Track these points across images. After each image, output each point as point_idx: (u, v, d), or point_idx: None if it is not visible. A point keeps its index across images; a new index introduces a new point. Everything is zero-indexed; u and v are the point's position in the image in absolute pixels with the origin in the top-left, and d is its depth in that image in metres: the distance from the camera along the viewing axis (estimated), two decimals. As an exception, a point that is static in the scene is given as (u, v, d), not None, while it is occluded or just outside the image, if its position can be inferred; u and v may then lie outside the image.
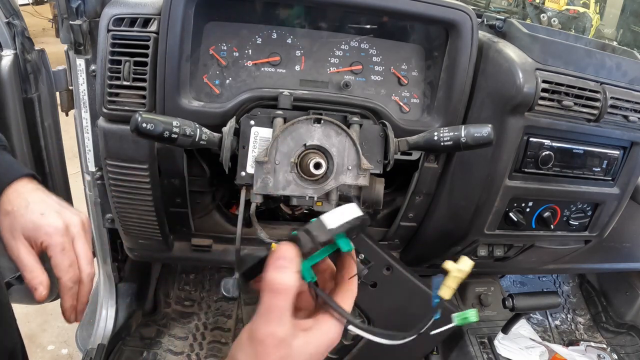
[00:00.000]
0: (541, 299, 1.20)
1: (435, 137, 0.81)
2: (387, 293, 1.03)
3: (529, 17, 1.65)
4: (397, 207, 1.08)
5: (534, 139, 0.95)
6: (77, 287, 0.63)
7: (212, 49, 0.88)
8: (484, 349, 1.33)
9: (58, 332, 1.78)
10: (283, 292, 0.42)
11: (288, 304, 0.42)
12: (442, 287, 0.47)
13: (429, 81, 0.95)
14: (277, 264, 0.43)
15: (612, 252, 1.32)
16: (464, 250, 1.11)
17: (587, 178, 1.03)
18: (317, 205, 0.82)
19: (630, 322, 1.65)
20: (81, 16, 0.90)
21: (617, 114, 0.97)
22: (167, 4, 0.80)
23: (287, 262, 0.43)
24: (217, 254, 1.12)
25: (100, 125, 0.88)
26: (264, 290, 0.42)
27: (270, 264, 0.43)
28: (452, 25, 0.88)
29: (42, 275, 0.59)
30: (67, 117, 1.08)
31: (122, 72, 0.83)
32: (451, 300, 1.25)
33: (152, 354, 1.39)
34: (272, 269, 0.42)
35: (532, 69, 0.89)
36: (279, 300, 0.42)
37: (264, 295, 0.42)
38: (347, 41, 0.92)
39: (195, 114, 0.84)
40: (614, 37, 1.89)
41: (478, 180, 0.97)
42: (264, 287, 0.42)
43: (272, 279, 0.42)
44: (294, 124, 0.78)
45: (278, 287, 0.42)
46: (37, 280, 0.59)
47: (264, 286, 0.42)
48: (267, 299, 0.42)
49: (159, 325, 1.48)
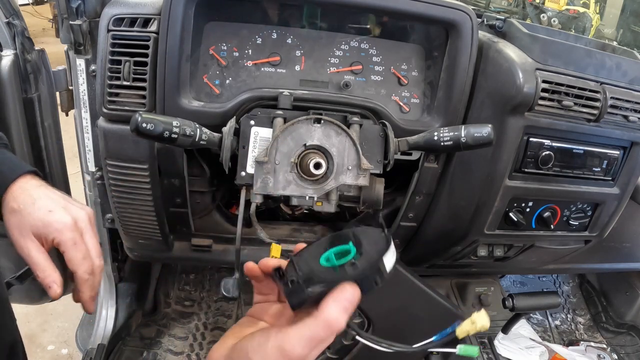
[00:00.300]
0: (541, 299, 1.20)
1: (435, 137, 0.81)
2: (387, 293, 1.03)
3: (529, 17, 1.64)
4: (397, 207, 1.08)
5: (534, 139, 0.95)
6: (92, 278, 0.63)
7: (212, 49, 0.88)
8: (484, 349, 1.33)
9: (58, 332, 1.78)
10: (336, 331, 0.43)
11: (329, 341, 0.43)
12: (460, 327, 0.51)
13: (429, 81, 0.95)
14: (344, 305, 0.43)
15: (612, 252, 1.32)
16: (464, 250, 1.11)
17: (587, 178, 1.03)
18: (317, 205, 0.82)
19: (630, 322, 1.65)
20: (81, 16, 0.90)
21: (617, 114, 0.97)
22: (167, 4, 0.80)
23: (350, 306, 0.43)
24: (217, 254, 1.12)
25: (100, 125, 0.88)
26: (318, 319, 0.42)
27: (336, 300, 0.43)
28: (452, 25, 0.88)
29: (54, 274, 0.60)
30: (67, 117, 1.08)
31: (122, 72, 0.83)
32: (451, 300, 1.25)
33: (152, 354, 1.39)
34: (337, 307, 0.43)
35: (532, 69, 0.89)
36: (328, 335, 0.42)
37: (316, 323, 0.42)
38: (347, 41, 0.92)
39: (195, 114, 0.84)
40: (614, 37, 1.89)
41: (478, 180, 0.97)
42: (319, 315, 0.42)
43: (334, 317, 0.42)
44: (294, 124, 0.78)
45: (335, 325, 0.42)
46: (50, 279, 0.59)
47: (320, 315, 0.42)
48: (317, 329, 0.42)
49: (159, 325, 1.48)
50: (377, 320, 1.13)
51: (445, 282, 1.48)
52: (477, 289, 1.47)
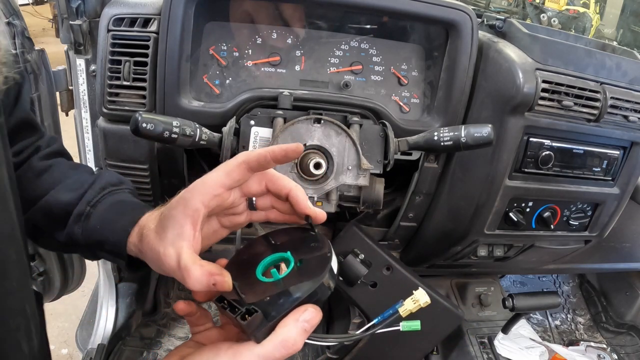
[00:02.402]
0: (541, 299, 1.20)
1: (435, 137, 0.81)
2: (387, 293, 1.03)
3: (529, 17, 1.64)
4: (397, 207, 1.08)
5: (534, 139, 0.95)
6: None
7: (212, 49, 0.88)
8: (484, 349, 1.32)
9: (58, 332, 1.78)
10: (292, 353, 0.41)
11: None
12: (402, 307, 0.52)
13: (429, 81, 0.95)
14: (303, 327, 0.41)
15: (612, 252, 1.32)
16: (464, 250, 1.11)
17: (587, 178, 1.03)
18: (317, 205, 0.82)
19: (630, 322, 1.65)
20: (81, 16, 0.90)
21: (617, 114, 0.97)
22: (167, 4, 0.80)
23: (309, 327, 0.42)
24: (217, 254, 1.11)
25: (100, 125, 0.88)
26: (274, 340, 0.41)
27: (297, 321, 0.41)
28: (452, 25, 0.88)
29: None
30: (67, 117, 1.08)
31: (122, 72, 0.83)
32: (450, 300, 1.25)
33: (152, 354, 1.39)
34: (297, 328, 0.41)
35: (532, 69, 0.89)
36: (283, 356, 0.41)
37: (273, 344, 0.41)
38: (347, 41, 0.92)
39: (195, 114, 0.84)
40: (614, 37, 1.89)
41: (478, 180, 0.97)
42: (277, 337, 0.41)
43: (292, 338, 0.41)
44: (294, 124, 0.78)
45: (292, 347, 0.41)
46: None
47: (277, 336, 0.41)
48: (272, 350, 0.40)
49: (159, 325, 1.48)
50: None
51: (445, 282, 1.48)
52: (477, 289, 1.47)
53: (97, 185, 0.61)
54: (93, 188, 0.61)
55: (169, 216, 0.48)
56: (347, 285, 1.05)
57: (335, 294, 1.59)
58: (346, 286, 1.05)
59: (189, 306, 0.51)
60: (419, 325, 0.51)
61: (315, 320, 0.42)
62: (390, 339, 1.11)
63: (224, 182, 0.48)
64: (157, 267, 0.49)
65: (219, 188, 0.48)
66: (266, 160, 0.48)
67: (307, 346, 1.51)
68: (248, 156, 0.48)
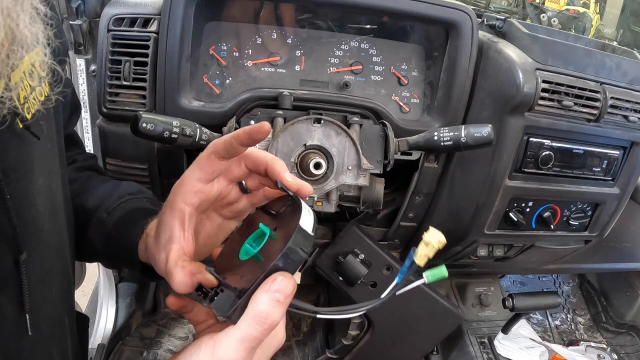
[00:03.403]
0: (541, 299, 1.20)
1: (435, 137, 0.81)
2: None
3: (529, 17, 1.64)
4: (397, 207, 1.08)
5: (534, 139, 0.95)
6: None
7: (212, 49, 0.88)
8: (484, 349, 1.32)
9: (58, 332, 1.78)
10: (270, 327, 0.39)
11: (265, 338, 0.40)
12: (417, 255, 0.44)
13: (429, 81, 0.95)
14: (274, 297, 0.39)
15: (612, 252, 1.32)
16: (464, 250, 1.11)
17: (587, 178, 1.03)
18: (317, 205, 0.82)
19: (630, 322, 1.65)
20: (81, 16, 0.91)
21: (617, 114, 0.97)
22: (167, 4, 0.80)
23: (283, 297, 0.39)
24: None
25: (100, 125, 0.88)
26: (247, 317, 0.39)
27: (266, 292, 0.39)
28: (452, 25, 0.88)
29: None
30: (67, 117, 1.08)
31: (122, 72, 0.83)
32: (450, 300, 1.25)
33: (152, 354, 1.39)
34: (267, 299, 0.39)
35: (532, 69, 0.89)
36: (262, 334, 0.39)
37: (247, 322, 0.39)
38: (347, 41, 0.92)
39: (195, 114, 0.84)
40: (614, 37, 1.89)
41: (478, 180, 0.97)
42: (248, 313, 0.39)
43: (264, 311, 0.38)
44: (294, 124, 0.79)
45: (267, 320, 0.39)
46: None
47: (249, 312, 0.39)
48: (248, 328, 0.39)
49: (159, 325, 1.48)
50: (377, 321, 1.13)
51: (445, 282, 1.48)
52: (477, 289, 1.47)
53: (116, 193, 0.63)
54: (112, 196, 0.62)
55: (160, 221, 0.49)
56: (347, 285, 1.05)
57: (335, 294, 1.59)
58: (346, 286, 1.05)
59: (180, 300, 0.50)
60: (446, 271, 0.45)
61: (288, 289, 0.39)
62: (391, 339, 1.11)
63: (199, 177, 0.48)
64: (160, 273, 0.50)
65: (197, 183, 0.48)
66: (232, 146, 0.46)
67: (307, 346, 1.51)
68: (215, 145, 0.47)
